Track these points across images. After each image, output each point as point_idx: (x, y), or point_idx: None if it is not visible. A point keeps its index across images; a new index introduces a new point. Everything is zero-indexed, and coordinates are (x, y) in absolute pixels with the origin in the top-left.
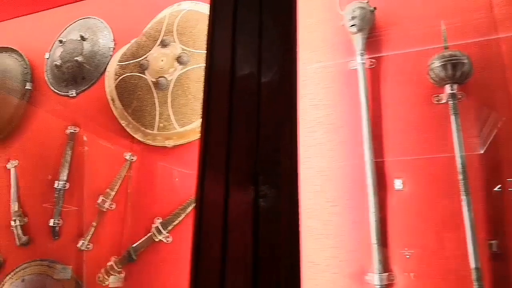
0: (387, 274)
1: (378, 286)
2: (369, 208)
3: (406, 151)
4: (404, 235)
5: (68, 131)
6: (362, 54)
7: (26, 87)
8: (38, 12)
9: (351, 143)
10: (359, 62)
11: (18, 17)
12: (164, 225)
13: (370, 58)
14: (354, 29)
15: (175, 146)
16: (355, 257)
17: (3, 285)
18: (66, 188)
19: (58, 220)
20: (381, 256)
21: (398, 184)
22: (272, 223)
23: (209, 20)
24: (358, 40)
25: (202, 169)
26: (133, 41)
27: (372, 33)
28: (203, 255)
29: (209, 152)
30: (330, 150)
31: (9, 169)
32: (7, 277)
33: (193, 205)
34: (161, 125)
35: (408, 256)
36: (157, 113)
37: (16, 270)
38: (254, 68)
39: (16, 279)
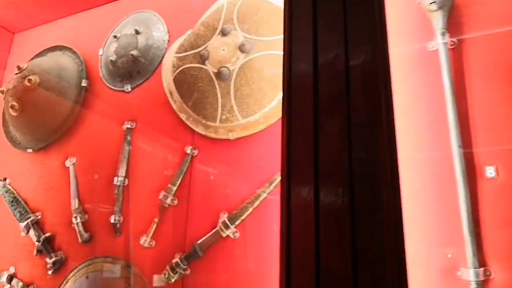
0: (482, 269)
1: (473, 282)
2: (459, 198)
3: (496, 139)
4: (499, 226)
5: (124, 127)
6: (443, 34)
7: (82, 84)
8: (90, 9)
9: (435, 130)
10: (440, 43)
11: (71, 15)
12: (231, 219)
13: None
14: (434, 6)
15: (238, 139)
16: (445, 251)
17: (67, 282)
18: (125, 184)
19: (119, 217)
20: (474, 249)
21: (490, 171)
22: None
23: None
24: (438, 19)
25: (287, 167)
26: (189, 32)
27: (452, 13)
28: (295, 259)
29: (293, 147)
30: (413, 138)
31: (68, 167)
32: (71, 274)
33: (261, 198)
34: (224, 117)
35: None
36: (219, 104)
37: (79, 267)
38: (340, 50)
39: (80, 276)
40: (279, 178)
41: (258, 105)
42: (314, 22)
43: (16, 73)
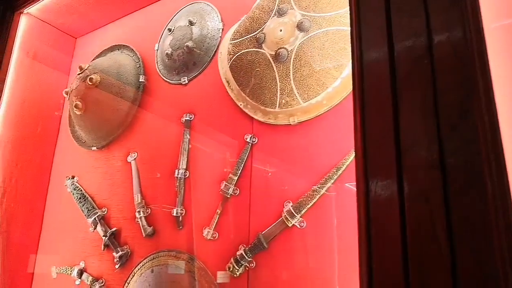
0: None
1: None
2: None
3: None
4: None
5: (183, 119)
6: None
7: (139, 80)
8: (145, 7)
9: None
10: None
11: (127, 15)
12: (297, 208)
13: None
14: None
15: (299, 123)
16: None
17: (133, 276)
18: (186, 176)
19: (181, 210)
20: None
21: None
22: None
23: None
24: None
25: (363, 157)
26: (244, 17)
27: None
28: (377, 248)
29: (370, 134)
30: None
31: (130, 162)
32: (136, 268)
33: (328, 185)
34: (283, 101)
35: None
36: (278, 88)
37: (144, 261)
38: (420, 26)
39: (145, 270)
40: (347, 163)
41: (320, 86)
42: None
43: (79, 74)
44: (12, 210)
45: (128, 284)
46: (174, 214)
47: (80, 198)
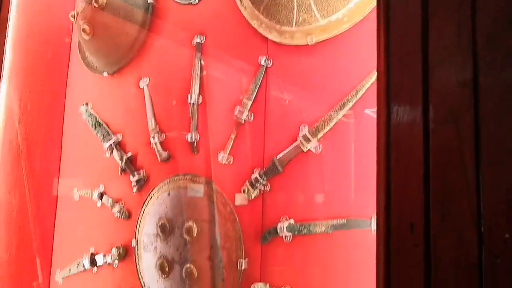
0: None
1: None
2: None
3: None
4: None
5: (194, 42)
6: None
7: (148, 1)
8: None
9: None
10: None
11: None
12: (313, 132)
13: None
14: None
15: (317, 43)
16: None
17: (150, 198)
18: (199, 102)
19: (195, 135)
20: None
21: None
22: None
23: None
24: None
25: (385, 78)
26: None
27: None
28: (397, 181)
29: (394, 53)
30: None
31: (142, 88)
32: (153, 192)
33: (347, 108)
34: (300, 18)
35: None
36: (295, 4)
37: (161, 185)
38: None
39: (162, 193)
40: (367, 85)
41: (341, 1)
42: None
43: None
44: (31, 136)
45: (146, 206)
46: (189, 140)
47: (95, 124)
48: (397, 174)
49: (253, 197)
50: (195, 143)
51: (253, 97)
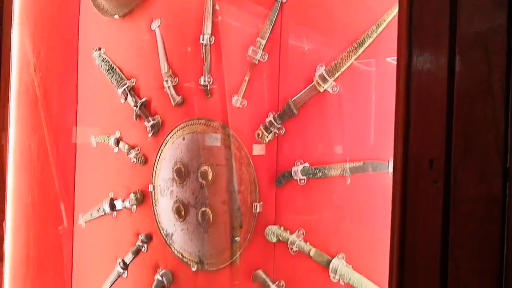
0: None
1: None
2: None
3: None
4: None
5: None
6: None
7: None
8: None
9: None
10: None
11: None
12: (330, 72)
13: None
14: None
15: None
16: None
17: (166, 143)
18: (212, 42)
19: (209, 78)
20: None
21: None
22: None
23: None
24: None
25: (408, 10)
26: None
27: None
28: (417, 118)
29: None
30: None
31: (154, 30)
32: (168, 137)
33: (366, 45)
34: None
35: None
36: None
37: (175, 129)
38: None
39: (177, 138)
40: (390, 18)
41: None
42: None
43: None
44: (47, 84)
45: (161, 151)
46: (202, 83)
47: (108, 69)
48: (418, 106)
49: (267, 141)
50: (208, 86)
51: (267, 35)
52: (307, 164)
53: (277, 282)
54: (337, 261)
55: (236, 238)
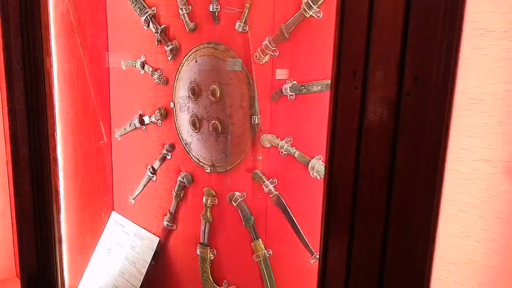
0: None
1: None
2: None
3: None
4: None
5: None
6: None
7: None
8: None
9: None
10: None
11: None
12: (314, 0)
13: None
14: None
15: None
16: None
17: (182, 66)
18: None
19: (217, 5)
20: None
21: None
22: None
23: None
24: None
25: None
26: None
27: None
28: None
29: None
30: None
31: None
32: (184, 59)
33: None
34: None
35: None
36: None
37: (189, 53)
38: None
39: (191, 61)
40: None
41: None
42: None
43: None
44: (80, 13)
45: (179, 73)
46: (211, 10)
47: None
48: (347, 29)
49: (263, 62)
50: (216, 13)
51: None
52: (295, 82)
53: (271, 180)
54: (315, 161)
55: (241, 146)
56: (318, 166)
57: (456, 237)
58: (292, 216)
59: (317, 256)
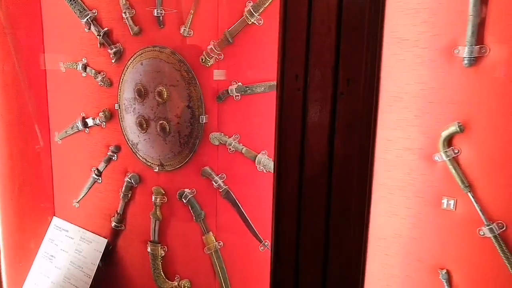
0: (478, 46)
1: (466, 59)
2: None
3: None
4: None
5: None
6: None
7: None
8: None
9: None
10: None
11: None
12: (256, 8)
13: None
14: None
15: None
16: (448, 31)
17: (127, 68)
18: None
19: (161, 10)
20: (474, 28)
21: None
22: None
23: None
24: None
25: None
26: None
27: None
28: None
29: None
30: None
31: None
32: (129, 62)
33: None
34: None
35: None
36: None
37: (134, 56)
38: None
39: (136, 63)
40: None
41: None
42: None
43: None
44: (12, 12)
45: (124, 75)
46: (155, 14)
47: (70, 0)
48: (290, 36)
49: (209, 65)
50: (160, 18)
51: None
52: (240, 84)
53: (220, 175)
54: (261, 156)
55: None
56: (264, 160)
57: (386, 216)
58: (241, 208)
59: (266, 243)
